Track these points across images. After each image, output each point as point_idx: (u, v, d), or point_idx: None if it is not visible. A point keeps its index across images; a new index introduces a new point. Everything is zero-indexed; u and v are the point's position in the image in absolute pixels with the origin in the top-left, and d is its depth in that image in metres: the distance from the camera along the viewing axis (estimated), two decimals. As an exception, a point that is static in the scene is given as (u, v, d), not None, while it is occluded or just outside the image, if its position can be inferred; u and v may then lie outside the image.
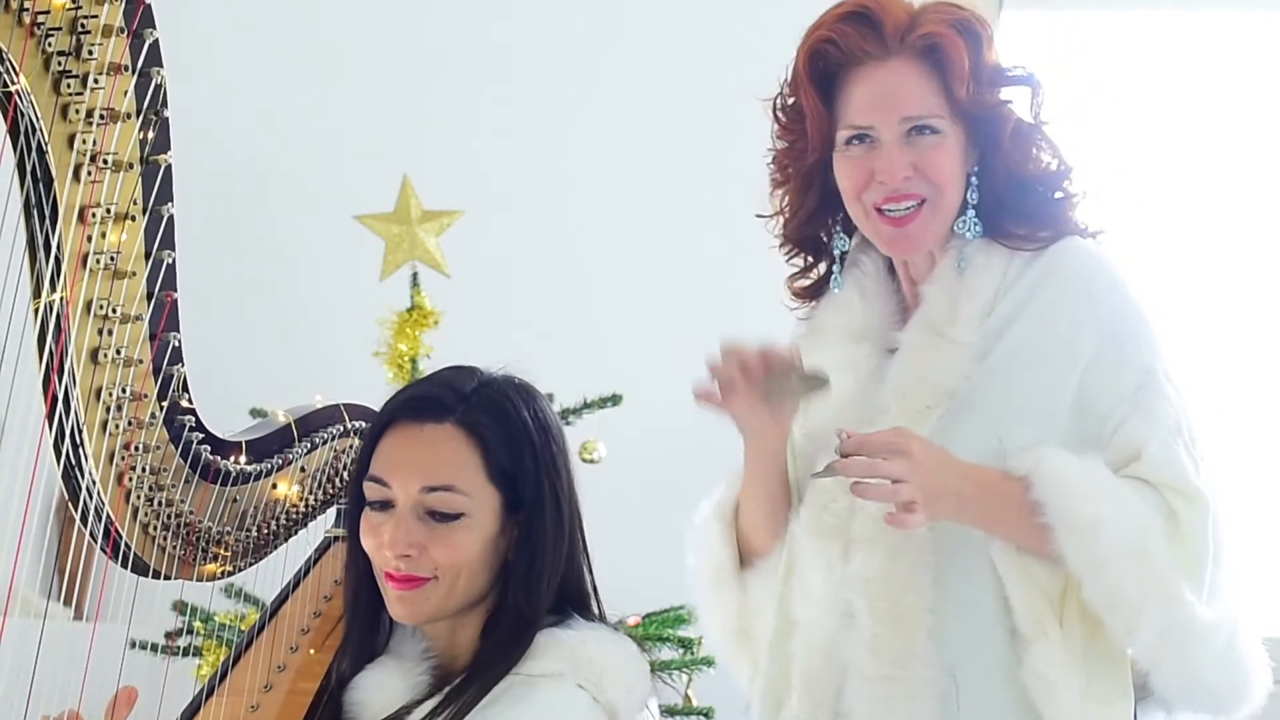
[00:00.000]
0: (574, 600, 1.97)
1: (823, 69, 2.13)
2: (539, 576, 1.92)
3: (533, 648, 1.90)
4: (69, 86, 1.78)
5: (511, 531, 1.93)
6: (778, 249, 2.27)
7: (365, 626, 1.99)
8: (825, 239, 2.25)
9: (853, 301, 2.20)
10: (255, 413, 3.27)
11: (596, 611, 2.00)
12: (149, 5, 1.83)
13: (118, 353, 1.89)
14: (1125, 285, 2.12)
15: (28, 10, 1.74)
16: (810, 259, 2.27)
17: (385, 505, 1.92)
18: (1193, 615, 1.99)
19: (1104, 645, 2.04)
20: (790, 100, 2.18)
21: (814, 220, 2.23)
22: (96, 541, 1.94)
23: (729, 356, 2.04)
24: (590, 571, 2.01)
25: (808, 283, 2.28)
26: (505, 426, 1.93)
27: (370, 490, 1.93)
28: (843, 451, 1.97)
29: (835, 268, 2.22)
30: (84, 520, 1.91)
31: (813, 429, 2.17)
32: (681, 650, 3.49)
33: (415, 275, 3.60)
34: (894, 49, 2.10)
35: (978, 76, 2.10)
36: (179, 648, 3.47)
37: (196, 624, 3.44)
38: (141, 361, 1.92)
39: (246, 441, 2.06)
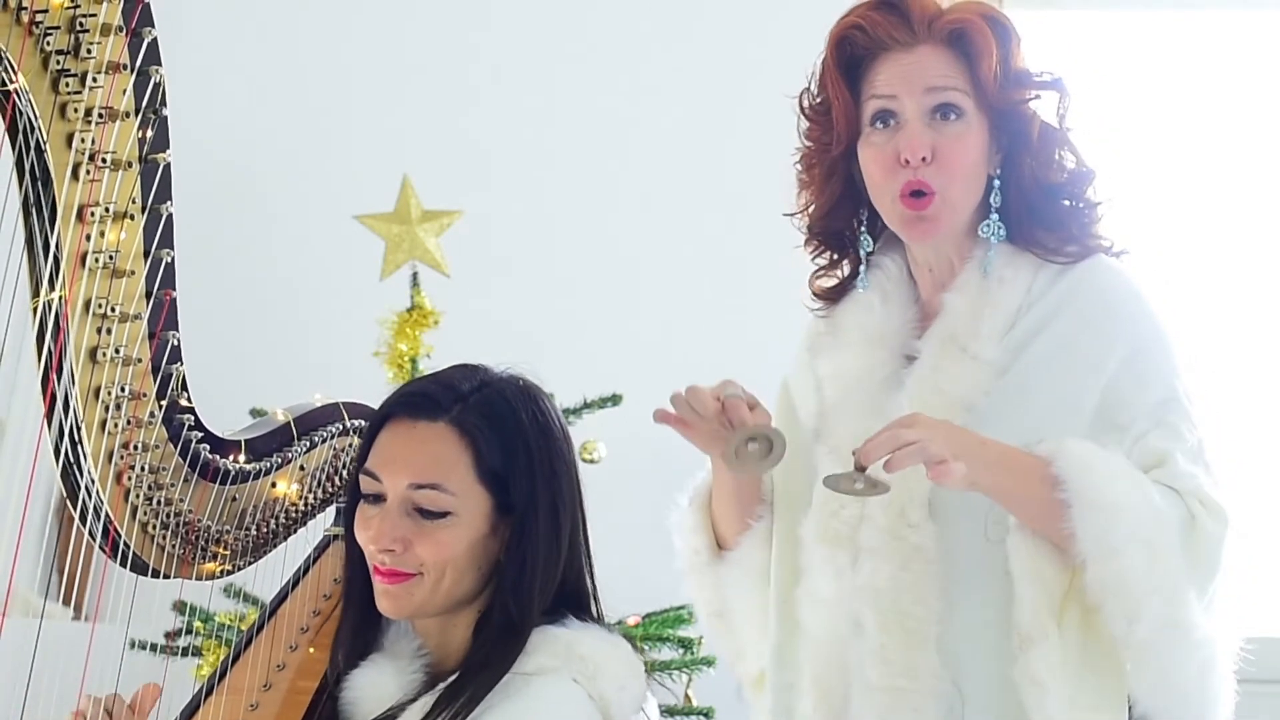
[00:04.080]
0: (570, 602, 1.97)
1: (850, 55, 2.13)
2: (529, 580, 1.92)
3: (526, 645, 1.90)
4: (67, 85, 1.79)
5: (503, 533, 1.93)
6: (803, 246, 2.25)
7: (360, 617, 1.99)
8: (850, 235, 2.22)
9: (873, 303, 2.19)
10: (255, 413, 3.27)
11: (595, 614, 1.99)
12: (147, 4, 1.83)
13: (116, 351, 1.89)
14: (1152, 308, 2.11)
15: (26, 9, 1.74)
16: (834, 256, 2.25)
17: (378, 499, 1.93)
18: (1192, 618, 1.97)
19: (1096, 654, 2.02)
20: (817, 96, 2.18)
21: (837, 212, 2.20)
22: (95, 540, 1.94)
23: (689, 398, 1.99)
24: (591, 575, 2.00)
25: (831, 283, 2.26)
26: (500, 429, 1.93)
27: (364, 483, 1.94)
28: (857, 452, 1.94)
29: (861, 268, 2.21)
30: (83, 519, 1.92)
31: (824, 429, 2.16)
32: (681, 650, 3.49)
33: (415, 275, 3.60)
34: (921, 35, 2.10)
35: (1005, 68, 2.10)
36: (179, 647, 3.47)
37: (197, 624, 3.44)
38: (140, 360, 1.92)
39: (245, 440, 2.06)
